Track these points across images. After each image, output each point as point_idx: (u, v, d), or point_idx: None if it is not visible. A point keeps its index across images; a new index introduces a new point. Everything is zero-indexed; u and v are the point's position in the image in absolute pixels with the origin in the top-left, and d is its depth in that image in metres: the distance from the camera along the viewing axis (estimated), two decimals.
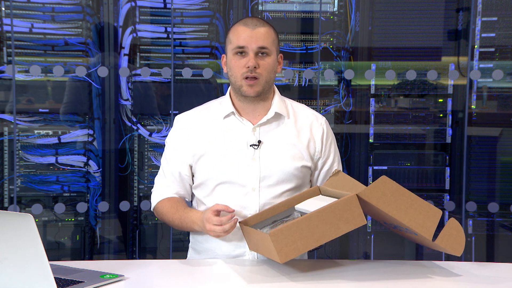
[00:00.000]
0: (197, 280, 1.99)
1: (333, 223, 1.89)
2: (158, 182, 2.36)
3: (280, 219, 2.11)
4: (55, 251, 3.67)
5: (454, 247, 1.98)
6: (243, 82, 2.19)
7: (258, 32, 2.18)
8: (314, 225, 1.88)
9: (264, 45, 2.18)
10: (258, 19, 2.24)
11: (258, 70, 2.18)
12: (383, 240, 3.79)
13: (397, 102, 3.79)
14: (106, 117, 3.64)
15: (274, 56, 2.23)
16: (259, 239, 1.98)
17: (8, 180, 3.59)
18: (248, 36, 2.17)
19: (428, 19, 3.72)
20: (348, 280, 1.95)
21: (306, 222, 1.87)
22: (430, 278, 1.99)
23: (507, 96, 3.76)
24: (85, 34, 3.60)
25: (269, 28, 2.22)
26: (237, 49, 2.19)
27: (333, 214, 1.89)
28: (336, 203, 1.90)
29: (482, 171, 3.77)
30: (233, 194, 2.21)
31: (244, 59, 2.18)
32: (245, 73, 2.18)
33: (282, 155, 2.23)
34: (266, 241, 1.89)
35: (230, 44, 2.21)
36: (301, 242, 1.87)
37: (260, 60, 2.19)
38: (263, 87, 2.21)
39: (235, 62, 2.20)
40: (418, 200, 1.94)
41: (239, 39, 2.18)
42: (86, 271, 1.94)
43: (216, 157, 2.23)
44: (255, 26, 2.19)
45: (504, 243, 3.80)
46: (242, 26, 2.20)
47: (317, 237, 1.88)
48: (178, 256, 3.51)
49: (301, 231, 1.86)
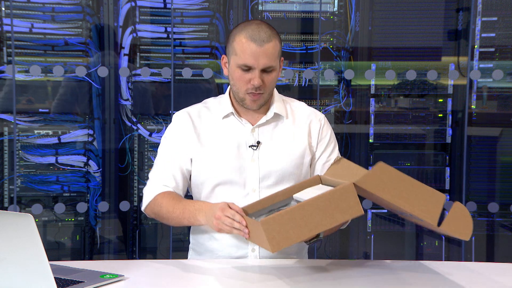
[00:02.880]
0: (197, 280, 1.99)
1: (328, 212, 1.82)
2: (154, 178, 2.26)
3: (277, 208, 2.07)
4: (55, 251, 3.67)
5: (461, 232, 1.89)
6: (247, 97, 2.16)
7: (265, 49, 2.11)
8: (308, 214, 1.81)
9: (271, 64, 2.13)
10: (265, 30, 2.14)
11: (262, 86, 2.14)
12: (383, 240, 3.79)
13: (397, 102, 3.79)
14: (106, 117, 3.64)
15: (278, 67, 2.18)
16: (253, 228, 1.92)
17: (8, 180, 3.59)
18: (255, 54, 2.10)
19: (428, 19, 3.72)
20: (348, 280, 1.95)
21: (299, 211, 1.81)
22: (430, 278, 1.99)
23: (507, 96, 3.76)
24: (85, 34, 3.60)
25: (275, 40, 2.14)
26: (243, 66, 2.13)
27: (328, 202, 1.82)
28: (331, 192, 1.84)
29: (482, 171, 3.77)
30: (233, 195, 2.20)
31: (249, 74, 2.13)
32: (250, 90, 2.14)
33: (281, 155, 2.23)
34: (258, 229, 1.83)
35: (235, 56, 2.14)
36: (294, 231, 1.80)
37: (265, 76, 2.14)
38: (265, 100, 2.20)
39: (239, 75, 2.15)
40: (419, 185, 1.87)
41: (245, 57, 2.11)
42: (86, 271, 1.94)
43: (215, 157, 2.22)
44: (262, 42, 2.10)
45: (504, 243, 3.80)
46: (249, 41, 2.11)
47: (311, 227, 1.81)
48: (178, 256, 3.51)
49: (294, 220, 1.80)
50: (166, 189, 2.22)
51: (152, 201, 2.22)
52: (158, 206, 2.20)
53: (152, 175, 2.28)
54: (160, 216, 2.21)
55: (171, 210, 2.16)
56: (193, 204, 2.15)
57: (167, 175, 2.24)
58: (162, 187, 2.23)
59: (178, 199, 2.19)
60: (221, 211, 1.99)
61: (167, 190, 2.22)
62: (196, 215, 2.12)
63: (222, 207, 2.00)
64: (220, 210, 2.00)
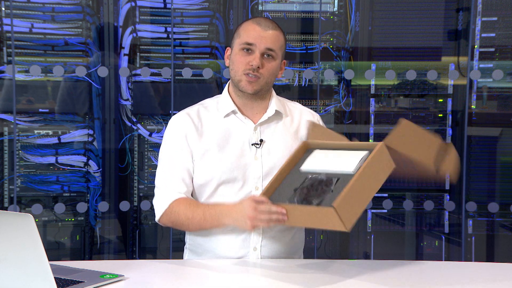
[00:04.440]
0: (198, 280, 1.98)
1: (374, 177, 1.94)
2: (162, 185, 2.23)
3: (299, 187, 2.03)
4: (55, 251, 3.67)
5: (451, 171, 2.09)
6: (243, 77, 2.19)
7: (268, 34, 2.18)
8: (363, 185, 1.91)
9: (272, 47, 2.19)
10: (272, 21, 2.24)
11: (260, 70, 2.18)
12: (383, 240, 3.79)
13: (397, 102, 3.79)
14: (106, 117, 3.64)
15: (279, 61, 2.23)
16: (308, 213, 1.94)
17: (8, 180, 3.59)
18: (259, 35, 2.18)
19: (428, 19, 3.72)
20: (348, 280, 1.95)
21: (358, 185, 1.90)
22: (430, 278, 1.99)
23: (507, 96, 3.76)
24: (85, 34, 3.61)
25: (280, 32, 2.23)
26: (245, 45, 2.18)
27: (373, 168, 1.94)
28: (372, 157, 1.94)
29: (482, 171, 3.77)
30: (236, 194, 2.19)
31: (250, 56, 2.18)
32: (247, 70, 2.18)
33: (283, 153, 2.23)
34: (325, 214, 1.87)
35: (239, 39, 2.21)
36: (357, 205, 1.90)
37: (265, 61, 2.19)
38: (262, 87, 2.21)
39: (239, 58, 2.19)
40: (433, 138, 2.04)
41: (248, 36, 2.18)
42: (86, 271, 1.94)
43: (218, 157, 2.21)
44: (267, 27, 2.19)
45: (504, 243, 3.80)
46: (254, 24, 2.20)
47: (366, 196, 1.93)
48: (178, 256, 3.50)
49: (356, 195, 1.89)
50: (179, 196, 2.20)
51: (167, 210, 2.19)
52: (175, 214, 2.18)
53: (159, 183, 2.25)
54: (179, 224, 2.19)
55: (190, 216, 2.14)
56: (213, 208, 2.13)
57: (176, 180, 2.21)
58: (174, 194, 2.20)
59: (195, 205, 2.17)
60: (253, 210, 1.98)
61: (180, 197, 2.20)
62: (220, 218, 2.10)
63: (252, 206, 1.99)
64: (251, 209, 1.98)
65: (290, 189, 2.04)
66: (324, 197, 1.94)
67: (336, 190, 1.94)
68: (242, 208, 2.02)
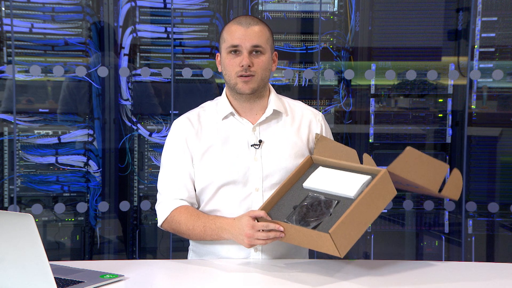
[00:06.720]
0: (198, 280, 1.98)
1: (374, 204, 1.95)
2: (164, 191, 2.25)
3: (299, 205, 2.05)
4: (55, 251, 3.67)
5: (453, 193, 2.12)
6: (238, 80, 2.19)
7: (251, 31, 2.18)
8: (361, 212, 1.92)
9: (258, 43, 2.18)
10: (252, 17, 2.24)
11: (252, 68, 2.18)
12: (383, 240, 3.79)
13: (397, 102, 3.79)
14: (106, 117, 3.64)
15: (269, 54, 2.22)
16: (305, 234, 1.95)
17: (8, 180, 3.59)
18: (242, 34, 2.17)
19: (428, 19, 3.72)
20: (348, 280, 1.95)
21: (355, 212, 1.91)
22: (430, 278, 1.99)
23: (507, 96, 3.76)
24: (85, 34, 3.61)
25: (263, 26, 2.22)
26: (231, 47, 2.18)
27: (373, 195, 1.95)
28: (374, 185, 1.95)
29: (482, 171, 3.77)
30: (236, 195, 2.20)
31: (238, 58, 2.18)
32: (240, 72, 2.18)
33: (283, 153, 2.23)
34: (320, 238, 1.89)
35: (224, 43, 2.21)
36: (354, 231, 1.91)
37: (254, 59, 2.18)
38: (258, 84, 2.21)
39: (229, 61, 2.19)
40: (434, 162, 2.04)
41: (233, 38, 2.18)
42: (86, 271, 1.94)
43: (218, 159, 2.21)
44: (248, 24, 2.19)
45: (504, 243, 3.80)
46: (236, 25, 2.20)
47: (364, 222, 1.94)
48: (178, 256, 3.51)
49: (353, 222, 1.90)
50: (181, 203, 2.21)
51: (169, 217, 2.21)
52: (176, 223, 2.20)
53: (161, 188, 2.27)
54: (180, 233, 2.21)
55: (191, 227, 2.16)
56: (213, 222, 2.14)
57: (178, 186, 2.23)
58: (176, 201, 2.22)
59: (196, 215, 2.18)
60: (250, 228, 2.00)
61: (182, 205, 2.21)
62: (219, 233, 2.12)
63: (249, 224, 2.01)
64: (249, 227, 2.01)
65: (290, 205, 2.07)
66: (322, 219, 1.96)
67: (335, 213, 1.97)
68: (240, 225, 2.04)
